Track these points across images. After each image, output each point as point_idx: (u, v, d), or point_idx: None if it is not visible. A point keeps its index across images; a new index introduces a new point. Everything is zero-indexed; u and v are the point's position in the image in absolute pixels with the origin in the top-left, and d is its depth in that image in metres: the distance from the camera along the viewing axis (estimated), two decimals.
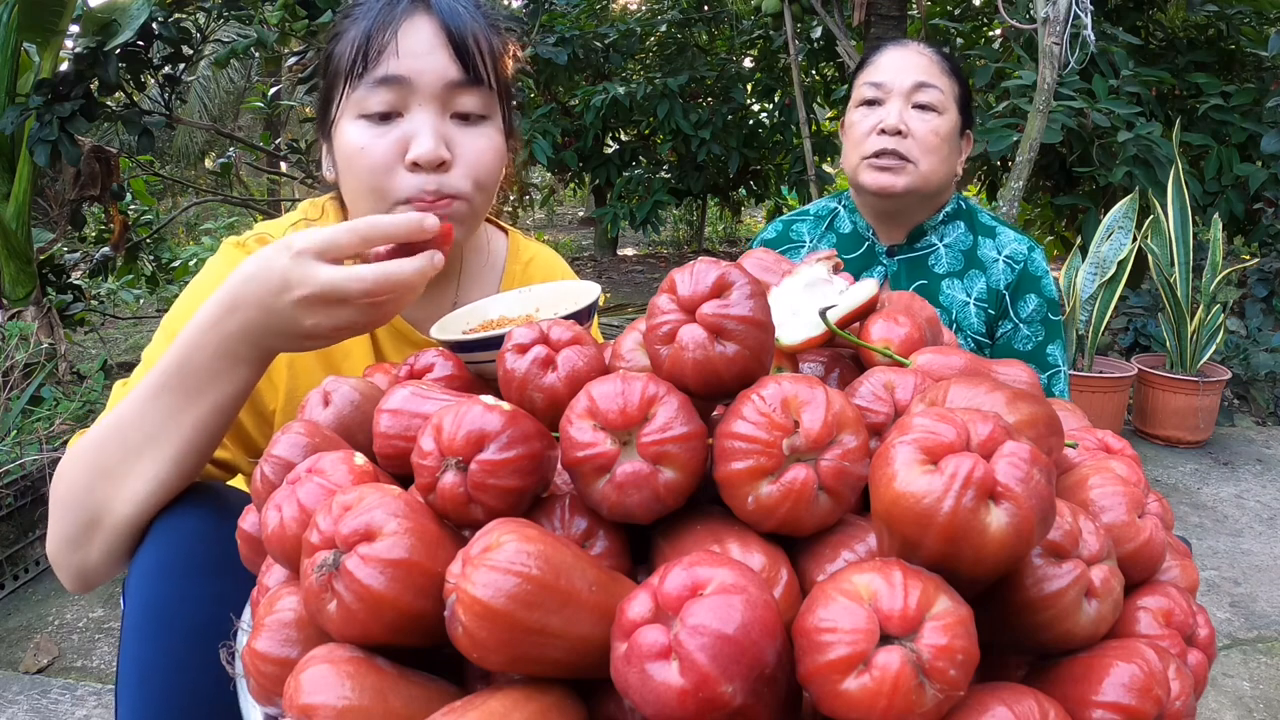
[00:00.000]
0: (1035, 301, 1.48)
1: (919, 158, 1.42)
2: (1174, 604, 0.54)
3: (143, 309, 5.49)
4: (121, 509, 0.79)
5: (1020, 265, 1.49)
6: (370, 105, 0.93)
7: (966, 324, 1.48)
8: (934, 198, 1.50)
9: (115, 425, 0.80)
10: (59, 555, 0.82)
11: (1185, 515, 2.90)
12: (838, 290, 0.76)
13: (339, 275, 0.73)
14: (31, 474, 2.46)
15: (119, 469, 0.79)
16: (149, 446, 0.79)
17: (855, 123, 1.49)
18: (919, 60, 1.46)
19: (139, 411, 0.79)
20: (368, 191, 0.95)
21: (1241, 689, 1.99)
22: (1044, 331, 1.48)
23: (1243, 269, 4.05)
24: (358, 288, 0.73)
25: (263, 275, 0.74)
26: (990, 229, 1.53)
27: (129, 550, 0.82)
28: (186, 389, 0.78)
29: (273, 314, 0.74)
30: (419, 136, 0.93)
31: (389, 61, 0.92)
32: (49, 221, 4.32)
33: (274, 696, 0.54)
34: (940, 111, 1.44)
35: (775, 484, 0.51)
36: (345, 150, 0.95)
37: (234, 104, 9.22)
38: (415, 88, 0.93)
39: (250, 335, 0.76)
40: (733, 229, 10.74)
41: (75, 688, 1.98)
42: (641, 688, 0.42)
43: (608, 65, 6.37)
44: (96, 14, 3.20)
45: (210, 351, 0.77)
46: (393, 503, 0.51)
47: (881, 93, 1.46)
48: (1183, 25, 4.82)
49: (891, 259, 1.54)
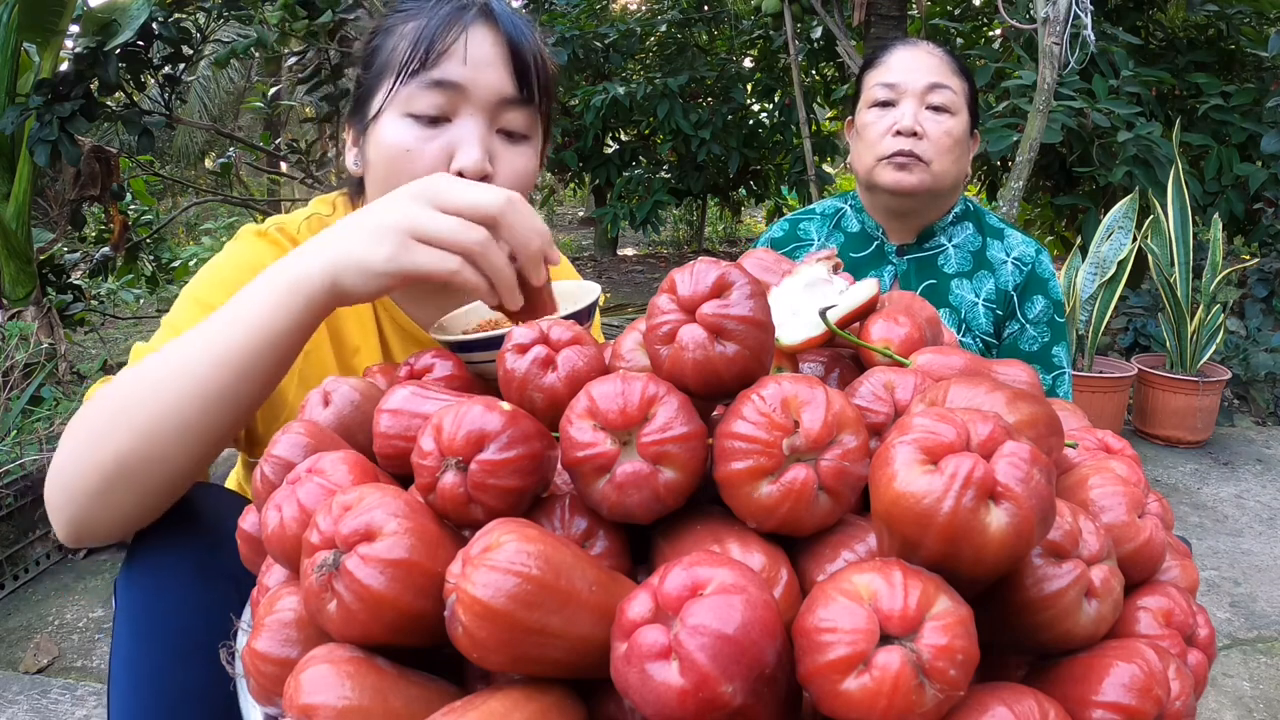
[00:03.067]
0: (1043, 303, 1.49)
1: (934, 158, 1.43)
2: (1174, 604, 0.54)
3: (143, 309, 5.49)
4: (172, 461, 0.73)
5: (1029, 267, 1.50)
6: (420, 106, 0.92)
7: (975, 324, 1.49)
8: (945, 198, 1.51)
9: (170, 372, 0.73)
10: (64, 497, 0.74)
11: (1185, 515, 2.90)
12: (838, 290, 0.76)
13: (475, 188, 0.74)
14: (32, 474, 2.46)
15: (172, 419, 0.72)
16: (199, 390, 0.72)
17: (870, 124, 1.48)
18: (930, 60, 1.46)
19: (192, 355, 0.73)
20: None
21: (1241, 689, 1.99)
22: (1050, 333, 1.49)
23: (1243, 269, 4.05)
24: (494, 197, 0.73)
25: (372, 207, 0.74)
26: (999, 231, 1.54)
27: (156, 510, 0.76)
28: (250, 334, 0.72)
29: (387, 202, 0.74)
30: (466, 146, 0.92)
31: (448, 65, 0.92)
32: (49, 221, 4.32)
33: (274, 696, 0.54)
34: (953, 113, 1.44)
35: (775, 484, 0.51)
36: (387, 148, 0.94)
37: (234, 104, 9.22)
38: (469, 96, 0.93)
39: (325, 247, 0.73)
40: (733, 229, 10.74)
41: (75, 688, 1.98)
42: (641, 688, 0.42)
43: (608, 65, 6.38)
44: (96, 14, 3.20)
45: (278, 287, 0.73)
46: (393, 503, 0.51)
47: (895, 94, 1.45)
48: (1183, 25, 4.82)
49: (901, 258, 1.54)
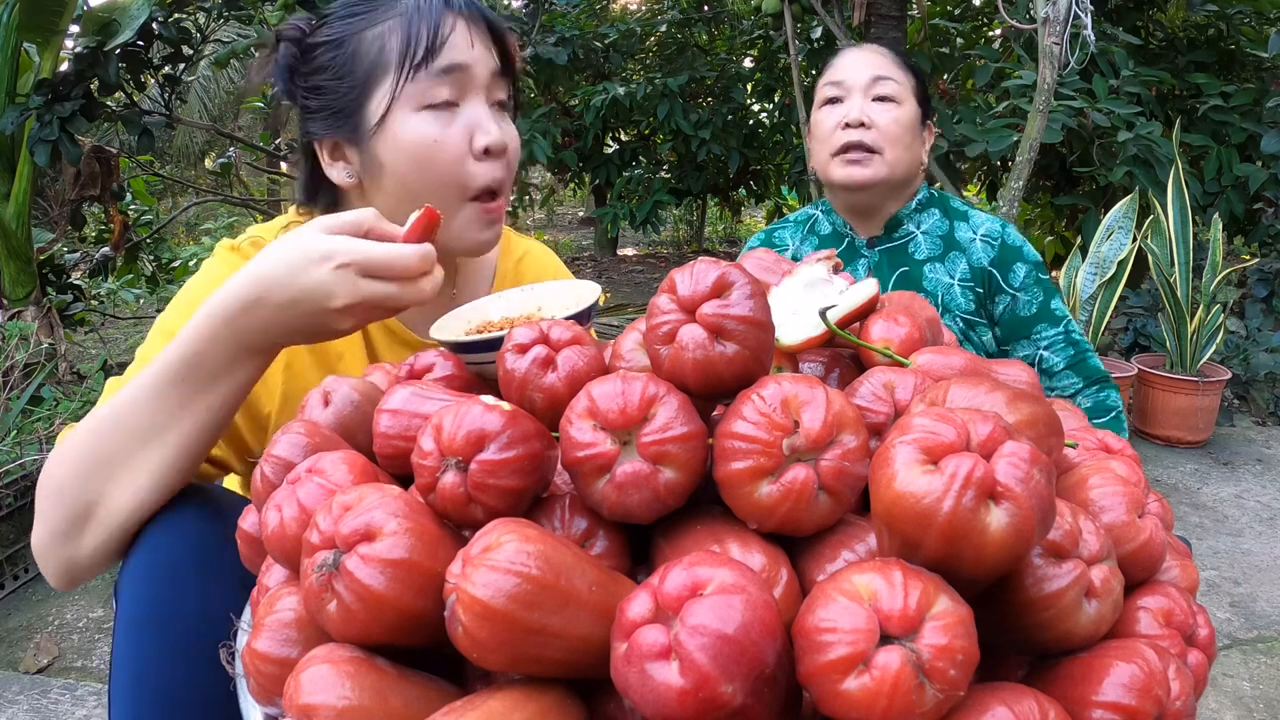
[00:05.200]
0: (1023, 269, 1.52)
1: (884, 146, 1.48)
2: (1174, 604, 0.54)
3: (143, 309, 5.49)
4: (119, 501, 0.78)
5: (998, 240, 1.54)
6: (436, 95, 0.93)
7: (954, 305, 1.53)
8: (903, 187, 1.55)
9: (115, 416, 0.78)
10: (46, 549, 0.80)
11: (1185, 515, 2.90)
12: (838, 290, 0.76)
13: (390, 290, 0.73)
14: (32, 474, 2.46)
15: (119, 459, 0.77)
16: (153, 436, 0.77)
17: (820, 121, 1.56)
18: (874, 58, 1.55)
19: (144, 402, 0.77)
20: (441, 185, 0.95)
21: (1241, 689, 1.99)
22: (1042, 292, 1.52)
23: (1243, 269, 4.05)
24: (411, 298, 0.74)
25: (297, 284, 0.72)
26: (963, 213, 1.59)
27: (122, 546, 0.80)
28: (198, 379, 0.77)
29: (307, 318, 0.73)
30: (484, 125, 0.95)
31: (453, 51, 0.93)
32: (49, 221, 4.32)
33: (274, 696, 0.54)
34: (899, 102, 1.50)
35: (775, 484, 0.51)
36: (412, 145, 0.94)
37: (234, 104, 9.21)
38: (474, 77, 0.95)
39: (269, 332, 0.75)
40: (733, 229, 10.73)
41: (75, 688, 1.98)
42: (641, 688, 0.42)
43: (608, 65, 6.37)
44: (96, 14, 3.20)
45: (225, 344, 0.76)
46: (393, 503, 0.51)
47: (841, 90, 1.53)
48: (1183, 25, 4.82)
49: (872, 250, 1.59)
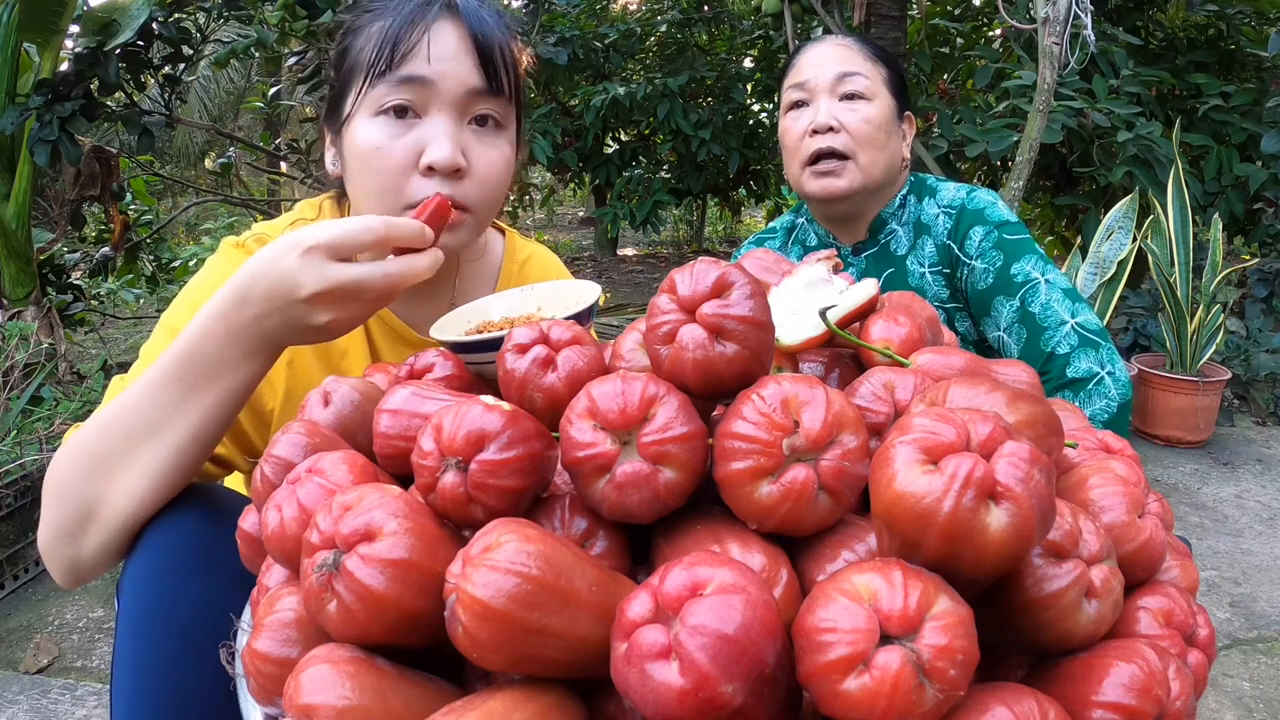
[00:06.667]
0: (981, 231, 1.35)
1: (856, 150, 1.36)
2: (1174, 604, 0.54)
3: (143, 309, 5.49)
4: (120, 501, 0.78)
5: (957, 209, 1.39)
6: (389, 102, 0.93)
7: (931, 295, 1.42)
8: (884, 189, 1.43)
9: (116, 415, 0.78)
10: (51, 547, 0.81)
11: (1185, 515, 2.90)
12: (838, 290, 0.76)
13: (358, 272, 0.73)
14: (32, 474, 2.46)
15: (119, 459, 0.78)
16: (152, 436, 0.78)
17: (787, 129, 1.44)
18: (839, 52, 1.41)
19: (143, 401, 0.78)
20: (379, 192, 0.94)
21: (1241, 689, 1.99)
22: (1002, 255, 1.33)
23: (1243, 269, 4.05)
24: (379, 285, 0.73)
25: (271, 274, 0.73)
26: (933, 189, 1.44)
27: (123, 546, 0.81)
28: (195, 378, 0.77)
29: (283, 312, 0.74)
30: (436, 141, 0.92)
31: (415, 62, 0.92)
32: (49, 221, 4.31)
33: (274, 696, 0.54)
34: (869, 98, 1.38)
35: (775, 484, 0.51)
36: (359, 147, 0.94)
37: (234, 104, 9.21)
38: (437, 91, 0.93)
39: (261, 330, 0.76)
40: (733, 229, 10.73)
41: (75, 688, 1.98)
42: (641, 688, 0.42)
43: (608, 65, 6.37)
44: (96, 14, 3.20)
45: (221, 342, 0.76)
46: (393, 503, 0.51)
47: (805, 93, 1.41)
48: (1183, 25, 4.82)
49: (858, 257, 1.50)
